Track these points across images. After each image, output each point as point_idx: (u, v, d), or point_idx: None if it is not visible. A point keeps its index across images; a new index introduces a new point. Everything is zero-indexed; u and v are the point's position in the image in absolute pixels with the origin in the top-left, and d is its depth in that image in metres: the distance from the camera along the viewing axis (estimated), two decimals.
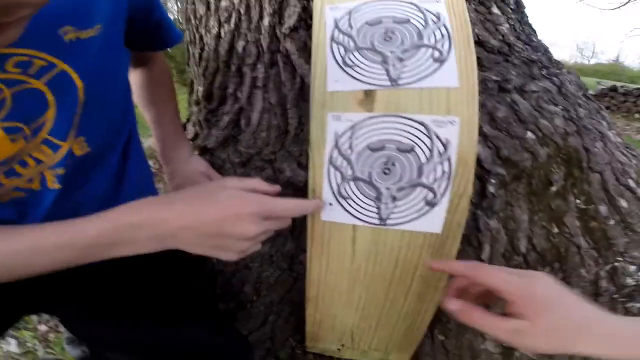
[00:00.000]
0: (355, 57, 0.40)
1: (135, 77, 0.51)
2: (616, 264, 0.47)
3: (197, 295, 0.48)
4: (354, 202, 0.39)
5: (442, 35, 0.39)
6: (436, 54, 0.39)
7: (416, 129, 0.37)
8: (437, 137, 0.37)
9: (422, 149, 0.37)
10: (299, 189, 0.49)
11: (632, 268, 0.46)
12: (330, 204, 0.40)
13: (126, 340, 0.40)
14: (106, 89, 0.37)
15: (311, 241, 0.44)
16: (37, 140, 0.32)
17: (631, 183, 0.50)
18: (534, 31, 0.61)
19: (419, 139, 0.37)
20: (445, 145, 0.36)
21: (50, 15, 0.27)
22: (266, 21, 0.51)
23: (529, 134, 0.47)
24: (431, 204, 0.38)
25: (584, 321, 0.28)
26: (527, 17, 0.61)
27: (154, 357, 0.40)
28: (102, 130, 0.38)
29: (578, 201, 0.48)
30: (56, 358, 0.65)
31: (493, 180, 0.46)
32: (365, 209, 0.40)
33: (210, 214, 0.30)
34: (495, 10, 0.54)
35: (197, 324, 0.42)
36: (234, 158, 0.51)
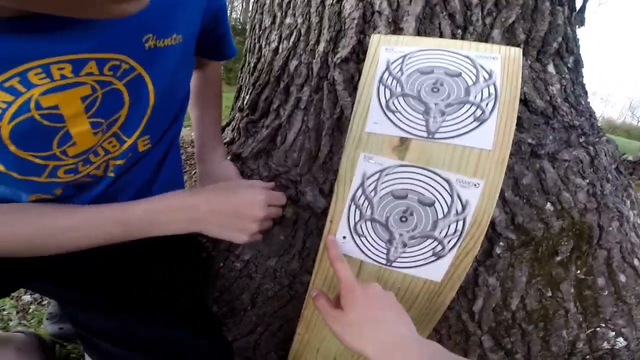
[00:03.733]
0: (399, 102, 0.45)
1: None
2: (597, 328, 0.51)
3: (190, 296, 0.53)
4: (367, 240, 0.44)
5: (489, 94, 0.42)
6: (478, 112, 0.42)
7: (440, 185, 0.41)
8: (459, 196, 0.41)
9: (441, 205, 0.41)
10: (315, 214, 0.54)
11: (611, 334, 0.50)
12: (344, 237, 0.45)
13: (116, 332, 0.45)
14: (173, 94, 0.44)
15: (319, 265, 0.49)
16: (109, 134, 0.38)
17: (636, 262, 0.53)
18: (585, 92, 0.62)
19: (441, 195, 0.41)
20: (464, 206, 0.41)
21: (138, 23, 0.33)
22: (321, 47, 0.57)
23: (549, 205, 0.51)
24: (438, 256, 0.42)
25: (386, 330, 0.34)
26: (582, 76, 0.62)
27: (137, 349, 0.44)
28: (163, 130, 0.45)
29: (579, 272, 0.52)
30: (26, 331, 0.66)
31: (502, 243, 0.49)
32: (376, 249, 0.44)
33: (231, 200, 0.42)
34: (550, 68, 0.56)
35: (183, 323, 0.47)
36: (263, 171, 0.57)
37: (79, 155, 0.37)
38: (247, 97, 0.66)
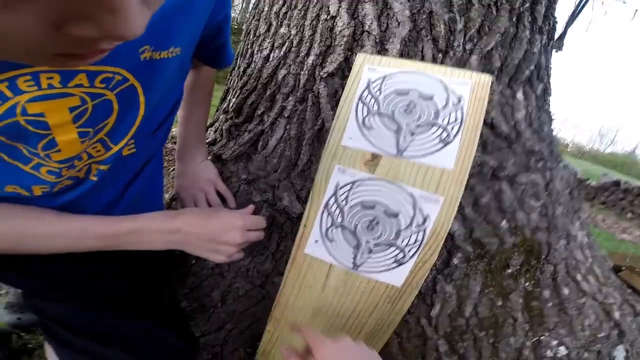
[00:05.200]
0: (374, 120, 0.50)
1: None
2: (542, 337, 0.57)
3: (160, 291, 0.54)
4: (337, 245, 0.49)
5: (456, 119, 0.47)
6: (444, 135, 0.48)
7: (405, 199, 0.47)
8: (420, 210, 0.46)
9: (404, 217, 0.47)
10: (290, 218, 0.58)
11: (554, 342, 0.57)
12: (316, 241, 0.49)
13: (83, 323, 0.46)
14: (165, 105, 0.45)
15: (290, 267, 0.53)
16: (95, 139, 0.39)
17: (578, 277, 0.61)
18: (550, 119, 0.67)
19: (405, 208, 0.47)
20: (424, 219, 0.46)
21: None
22: (310, 59, 0.60)
23: (504, 222, 0.57)
24: (399, 263, 0.47)
25: None
26: (548, 104, 0.67)
27: (102, 341, 0.46)
28: (151, 136, 0.46)
29: (527, 284, 0.59)
30: None
31: (459, 255, 0.56)
32: (344, 253, 0.49)
33: (210, 224, 0.45)
34: (519, 95, 0.60)
35: (150, 315, 0.49)
36: (242, 174, 0.60)
37: (62, 162, 0.37)
38: (234, 100, 0.69)
